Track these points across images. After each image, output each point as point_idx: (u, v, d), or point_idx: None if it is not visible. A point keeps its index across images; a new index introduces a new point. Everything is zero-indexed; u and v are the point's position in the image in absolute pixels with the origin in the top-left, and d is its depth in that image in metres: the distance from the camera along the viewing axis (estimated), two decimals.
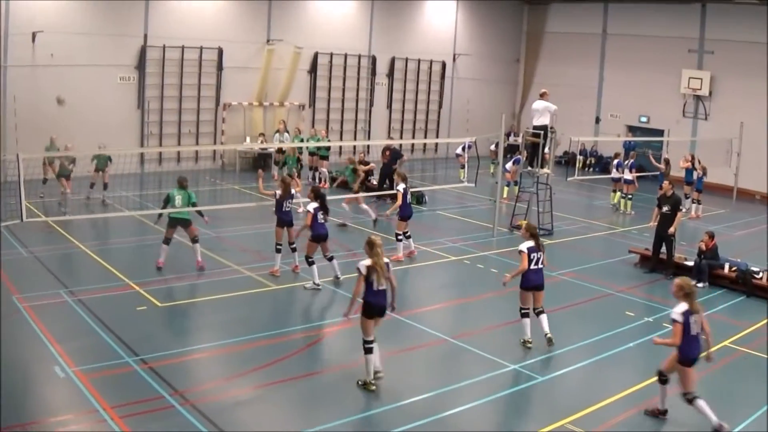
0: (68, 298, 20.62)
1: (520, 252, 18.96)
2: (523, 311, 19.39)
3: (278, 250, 23.96)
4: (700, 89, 48.83)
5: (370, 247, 16.32)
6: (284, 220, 23.95)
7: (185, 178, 24.69)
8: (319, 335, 19.32)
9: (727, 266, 25.91)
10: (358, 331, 16.55)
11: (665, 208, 26.66)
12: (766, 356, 19.68)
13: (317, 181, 40.59)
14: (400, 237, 26.54)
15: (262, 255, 25.86)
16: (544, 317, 19.39)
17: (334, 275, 23.21)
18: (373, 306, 16.26)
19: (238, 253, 26.41)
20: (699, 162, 38.98)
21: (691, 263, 26.60)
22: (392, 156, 38.02)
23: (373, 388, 16.26)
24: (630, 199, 37.56)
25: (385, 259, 16.53)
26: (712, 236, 26.41)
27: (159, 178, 39.69)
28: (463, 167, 39.11)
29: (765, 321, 22.37)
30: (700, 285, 25.65)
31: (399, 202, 26.80)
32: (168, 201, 24.19)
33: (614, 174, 38.79)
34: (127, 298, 21.01)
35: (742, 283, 25.18)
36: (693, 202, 38.27)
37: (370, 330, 16.31)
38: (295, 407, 15.55)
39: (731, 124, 43.74)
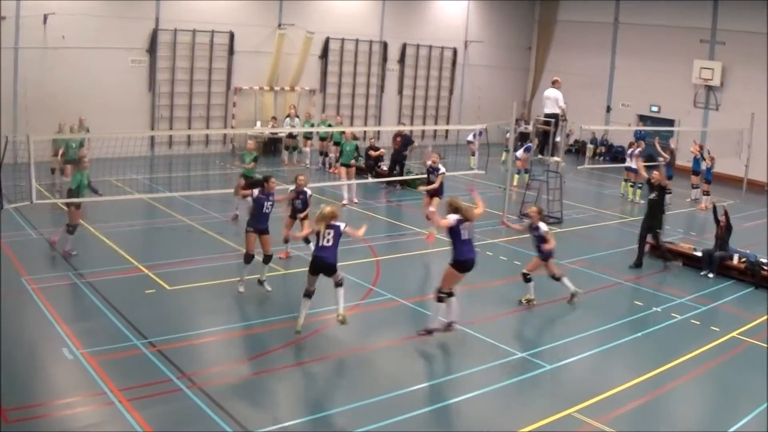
0: (77, 280, 20.69)
1: (447, 223, 18.56)
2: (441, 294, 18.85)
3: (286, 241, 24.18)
4: (712, 80, 48.69)
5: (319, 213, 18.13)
6: (298, 210, 24.04)
7: (81, 158, 24.40)
8: (326, 321, 19.30)
9: (736, 257, 25.89)
10: (367, 317, 16.91)
11: (652, 195, 26.48)
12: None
13: (326, 166, 40.67)
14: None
15: (271, 238, 25.86)
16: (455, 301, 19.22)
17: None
18: (314, 260, 18.07)
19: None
20: (708, 153, 38.94)
21: (699, 253, 26.60)
22: (403, 142, 38.02)
23: (298, 330, 17.90)
24: (640, 187, 37.47)
25: (341, 224, 18.03)
26: (726, 213, 26.44)
27: (169, 161, 39.77)
28: (473, 154, 39.09)
29: None
30: (710, 275, 25.70)
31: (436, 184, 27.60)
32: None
33: (628, 163, 38.74)
34: (135, 281, 21.09)
35: (751, 275, 25.14)
36: (703, 194, 38.22)
37: (311, 282, 18.21)
38: (300, 392, 15.62)
39: (742, 115, 43.61)
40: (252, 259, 21.08)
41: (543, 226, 21.48)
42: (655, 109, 52.46)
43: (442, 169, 26.63)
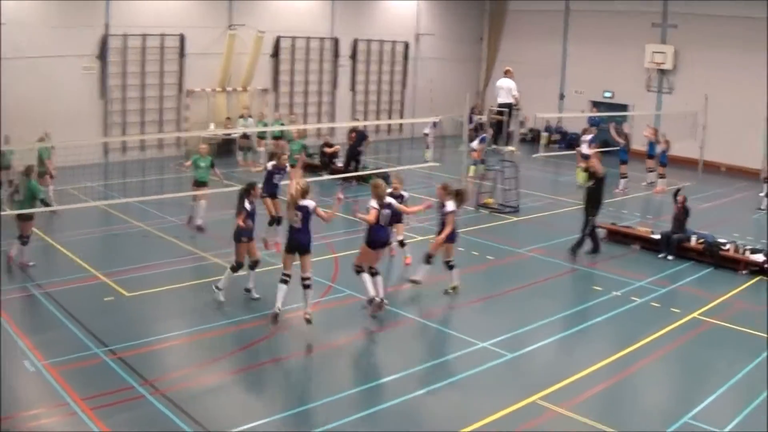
0: (35, 291, 20.56)
1: (370, 208, 19.64)
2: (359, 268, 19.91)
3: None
4: (664, 63, 48.94)
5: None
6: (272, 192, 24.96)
7: (31, 167, 23.55)
8: (287, 320, 19.30)
9: (694, 239, 26.13)
10: (328, 315, 17.12)
11: (589, 183, 26.47)
12: (734, 327, 19.91)
13: None
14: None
15: (228, 241, 25.82)
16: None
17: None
18: (288, 240, 18.85)
19: (204, 239, 26.34)
20: (663, 136, 39.17)
21: (657, 236, 26.79)
22: (358, 138, 38.00)
23: (277, 312, 18.56)
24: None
25: (310, 204, 18.54)
26: (684, 198, 26.65)
27: (123, 168, 39.53)
28: (428, 147, 39.08)
29: (732, 292, 22.62)
30: (669, 258, 25.90)
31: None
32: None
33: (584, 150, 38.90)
34: (94, 289, 20.96)
35: (710, 255, 25.42)
36: (659, 177, 38.46)
37: (286, 263, 18.87)
38: (265, 392, 15.63)
39: (696, 97, 43.86)
40: (241, 267, 20.82)
41: (450, 206, 21.34)
42: (608, 94, 52.68)
43: (406, 195, 24.08)
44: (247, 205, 20.43)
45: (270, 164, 25.67)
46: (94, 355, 16.62)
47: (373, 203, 19.57)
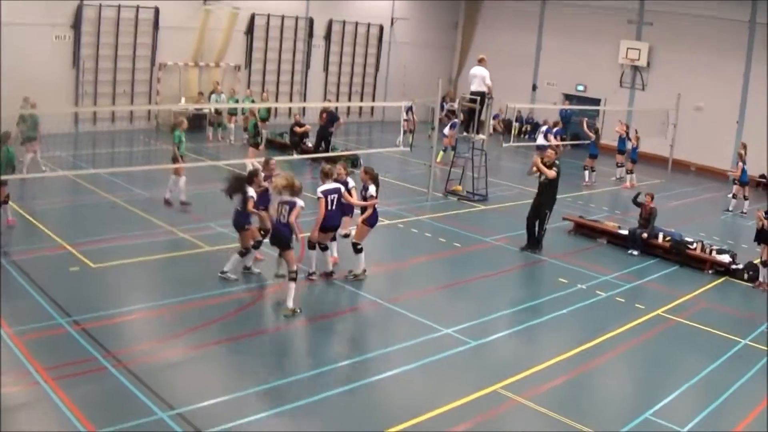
0: (1, 259, 20.44)
1: (318, 198, 20.14)
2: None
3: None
4: (638, 60, 49.21)
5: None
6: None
7: (8, 133, 23.89)
8: (252, 297, 19.35)
9: (661, 236, 26.29)
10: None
11: (543, 178, 26.13)
12: (698, 326, 20.07)
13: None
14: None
15: (195, 216, 25.81)
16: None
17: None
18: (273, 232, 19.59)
19: (172, 213, 26.24)
20: (635, 132, 39.37)
21: (625, 231, 26.93)
22: (329, 119, 37.88)
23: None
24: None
25: (299, 203, 18.79)
26: (652, 197, 26.80)
27: (93, 138, 39.34)
28: (411, 132, 39.10)
29: (697, 291, 22.78)
30: (634, 253, 26.04)
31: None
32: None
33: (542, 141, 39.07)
34: (60, 259, 20.86)
35: (676, 253, 25.56)
36: (627, 173, 38.67)
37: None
38: (228, 369, 15.62)
39: (668, 95, 44.12)
40: (249, 252, 20.83)
41: (371, 190, 21.31)
42: (581, 88, 52.88)
43: (351, 183, 22.07)
44: (252, 192, 20.14)
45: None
46: (58, 325, 16.55)
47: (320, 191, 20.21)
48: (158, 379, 14.48)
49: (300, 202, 18.75)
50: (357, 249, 21.26)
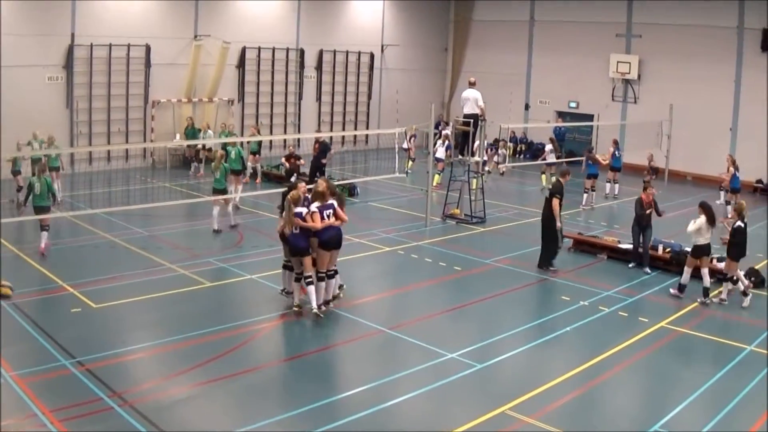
0: (2, 302, 20.42)
1: (312, 213, 19.88)
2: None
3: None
4: (629, 73, 49.38)
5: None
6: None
7: (43, 165, 25.69)
8: (256, 330, 19.31)
9: (660, 248, 26.27)
10: (296, 327, 17.17)
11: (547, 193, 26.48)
12: (702, 336, 20.03)
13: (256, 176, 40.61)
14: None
15: (194, 252, 25.83)
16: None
17: None
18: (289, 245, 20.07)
19: (171, 250, 26.27)
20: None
21: (625, 246, 26.92)
22: (321, 149, 37.86)
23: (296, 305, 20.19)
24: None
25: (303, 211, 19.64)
26: (646, 189, 26.79)
27: (90, 178, 39.35)
28: (413, 159, 39.01)
29: (699, 301, 22.72)
30: (648, 271, 25.83)
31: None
32: (30, 188, 25.42)
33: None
34: (61, 301, 20.84)
35: (676, 264, 25.48)
36: (608, 181, 38.91)
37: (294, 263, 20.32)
38: (234, 404, 15.55)
39: (660, 106, 44.26)
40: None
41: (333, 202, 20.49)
42: (573, 104, 53.00)
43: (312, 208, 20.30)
44: (299, 209, 19.95)
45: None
46: (63, 366, 16.52)
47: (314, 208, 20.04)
48: (165, 417, 14.47)
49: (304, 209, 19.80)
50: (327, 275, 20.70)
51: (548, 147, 40.58)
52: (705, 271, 23.04)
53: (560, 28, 53.01)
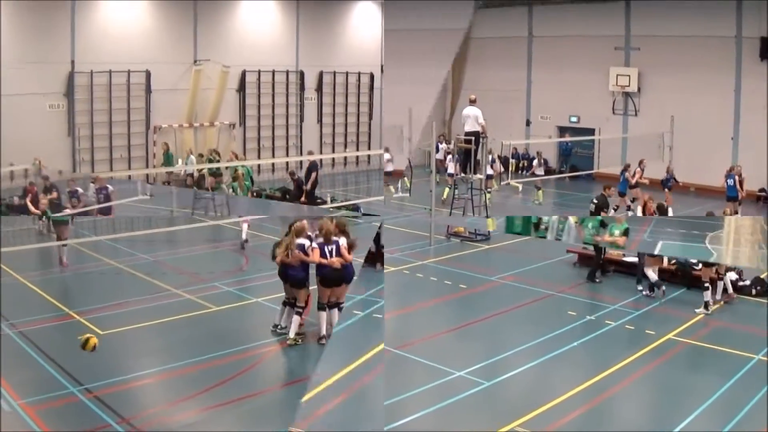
0: (9, 331, 20.43)
1: (313, 248, 19.71)
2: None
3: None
4: (629, 86, 49.25)
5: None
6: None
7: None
8: (262, 354, 19.31)
9: (666, 259, 26.22)
10: (300, 351, 17.16)
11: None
12: (710, 346, 20.01)
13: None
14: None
15: (199, 277, 25.84)
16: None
17: None
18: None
19: (176, 276, 26.29)
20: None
21: (630, 259, 26.89)
22: (308, 168, 37.47)
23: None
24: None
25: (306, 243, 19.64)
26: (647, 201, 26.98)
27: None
28: (445, 172, 39.12)
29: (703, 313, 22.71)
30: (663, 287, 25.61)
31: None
32: None
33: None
34: (68, 328, 20.81)
35: (682, 275, 25.47)
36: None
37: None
38: (242, 428, 15.55)
39: (662, 118, 44.15)
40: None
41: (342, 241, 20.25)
42: (574, 119, 52.86)
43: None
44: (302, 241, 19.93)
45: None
46: (71, 393, 16.51)
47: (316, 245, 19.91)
48: None
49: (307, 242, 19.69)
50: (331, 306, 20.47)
51: (535, 161, 40.68)
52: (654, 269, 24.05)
53: (559, 42, 52.89)
